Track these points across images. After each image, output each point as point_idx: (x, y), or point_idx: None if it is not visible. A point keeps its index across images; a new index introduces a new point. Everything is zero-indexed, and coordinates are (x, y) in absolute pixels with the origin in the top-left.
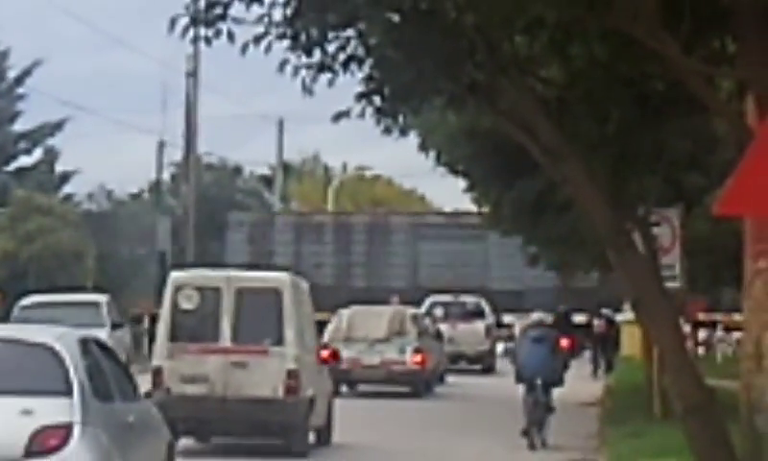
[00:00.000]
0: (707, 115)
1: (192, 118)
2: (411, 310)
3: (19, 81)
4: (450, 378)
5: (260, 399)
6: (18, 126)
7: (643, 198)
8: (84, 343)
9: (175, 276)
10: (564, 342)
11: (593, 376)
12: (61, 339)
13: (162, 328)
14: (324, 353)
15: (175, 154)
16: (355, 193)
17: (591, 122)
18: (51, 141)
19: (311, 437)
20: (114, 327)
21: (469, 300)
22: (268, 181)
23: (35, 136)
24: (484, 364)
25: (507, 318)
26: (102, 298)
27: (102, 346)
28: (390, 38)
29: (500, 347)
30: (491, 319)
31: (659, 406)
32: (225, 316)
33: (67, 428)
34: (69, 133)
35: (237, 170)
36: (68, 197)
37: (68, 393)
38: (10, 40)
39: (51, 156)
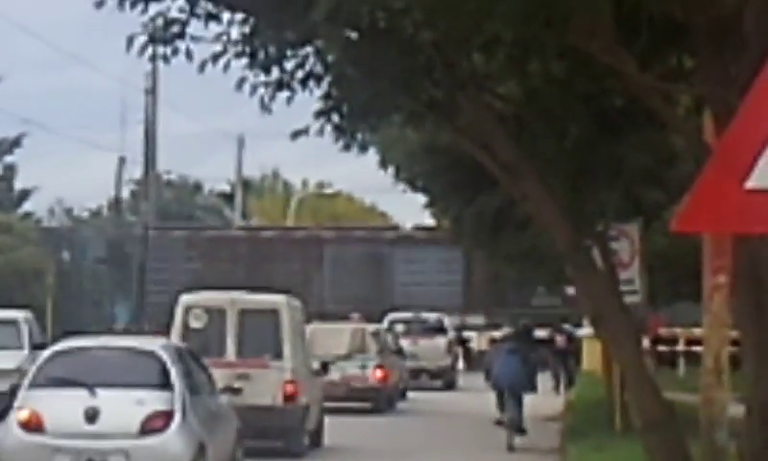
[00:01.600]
0: (665, 130)
1: (151, 135)
2: (372, 327)
3: None
4: (411, 394)
5: (262, 406)
6: None
7: (602, 213)
8: (179, 351)
9: (185, 298)
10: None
11: (555, 390)
12: (164, 348)
13: None
14: None
15: (135, 171)
16: (316, 209)
17: (549, 138)
18: (9, 158)
19: (306, 439)
20: (36, 348)
21: (430, 316)
22: (228, 198)
23: None
24: (445, 380)
25: (466, 333)
26: (20, 315)
27: (190, 353)
28: (348, 56)
29: (461, 362)
30: (451, 334)
31: (620, 421)
32: (229, 334)
33: (169, 414)
34: (28, 150)
35: (197, 187)
36: (28, 214)
37: (169, 388)
38: None
39: (9, 173)
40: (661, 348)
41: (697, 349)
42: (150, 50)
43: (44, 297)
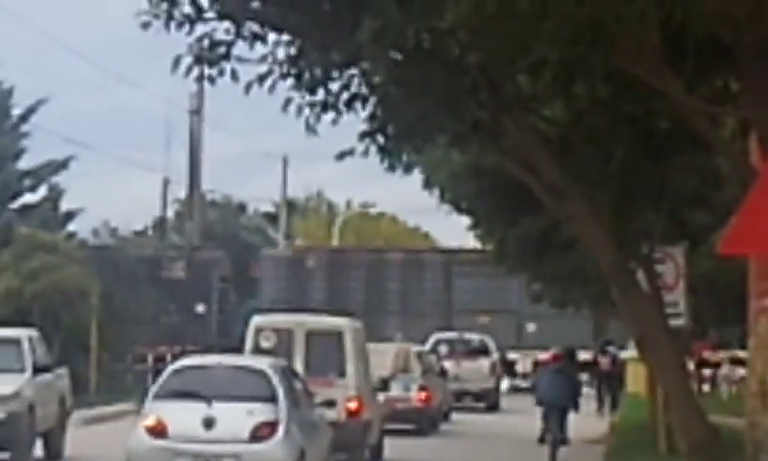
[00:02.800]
0: (711, 153)
1: (196, 155)
2: (415, 347)
3: (24, 118)
4: (455, 416)
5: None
6: (23, 163)
7: (647, 236)
8: (283, 369)
9: (256, 320)
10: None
11: (598, 413)
12: (271, 366)
13: None
14: None
15: (179, 191)
16: (359, 230)
17: (595, 160)
18: (55, 179)
19: (367, 453)
20: (39, 370)
21: (474, 337)
22: (272, 218)
23: (39, 174)
24: (488, 401)
25: (511, 355)
26: (23, 333)
27: (292, 371)
28: (393, 77)
29: (505, 384)
30: (495, 356)
31: (664, 444)
32: (297, 353)
33: (275, 424)
34: (74, 170)
35: (241, 207)
36: (72, 234)
37: (275, 401)
38: (14, 78)
39: (55, 193)
40: (706, 371)
41: (741, 371)
42: (196, 71)
43: (89, 317)
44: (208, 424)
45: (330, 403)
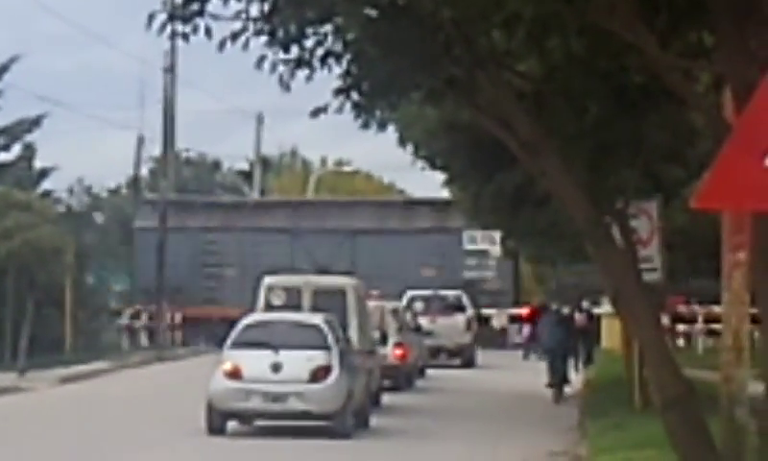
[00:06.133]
0: (685, 108)
1: (170, 114)
2: (391, 304)
3: None
4: (430, 372)
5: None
6: None
7: (621, 191)
8: (332, 322)
9: (267, 280)
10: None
11: (574, 369)
12: (323, 321)
13: None
14: None
15: (154, 149)
16: (334, 187)
17: (569, 115)
18: (29, 137)
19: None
20: None
21: (450, 293)
22: (247, 176)
23: (12, 132)
24: (464, 357)
25: (486, 311)
26: None
27: (338, 324)
28: (367, 34)
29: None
30: (470, 312)
31: (639, 398)
32: (304, 310)
33: (329, 368)
34: (47, 129)
35: (216, 165)
36: (47, 193)
37: (328, 349)
38: None
39: (29, 152)
40: (681, 326)
41: (716, 326)
42: (169, 28)
43: (64, 275)
44: (276, 368)
45: (371, 352)
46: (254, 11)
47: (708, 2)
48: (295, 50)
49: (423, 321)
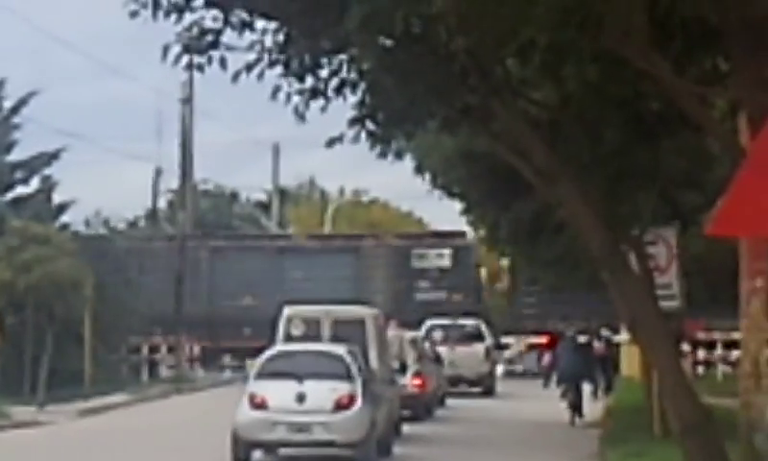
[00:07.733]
0: (701, 134)
1: (187, 145)
2: (410, 334)
3: (15, 110)
4: (450, 402)
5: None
6: (14, 155)
7: (638, 218)
8: (355, 353)
9: (287, 310)
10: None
11: (593, 396)
12: (346, 352)
13: None
14: None
15: (171, 181)
16: (352, 217)
17: (585, 143)
18: (48, 170)
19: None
20: None
21: (468, 322)
22: (265, 207)
23: (31, 165)
24: (484, 386)
25: (505, 339)
26: None
27: (362, 355)
28: (382, 63)
29: (500, 368)
30: (489, 341)
31: (659, 426)
32: (324, 340)
33: (353, 397)
34: (66, 161)
35: (234, 196)
36: (65, 226)
37: (352, 379)
38: (5, 70)
39: (48, 185)
40: (700, 352)
41: (735, 353)
42: (185, 59)
43: (83, 308)
44: (300, 398)
45: (392, 382)
46: (269, 42)
47: (722, 28)
48: (310, 80)
49: (442, 350)
